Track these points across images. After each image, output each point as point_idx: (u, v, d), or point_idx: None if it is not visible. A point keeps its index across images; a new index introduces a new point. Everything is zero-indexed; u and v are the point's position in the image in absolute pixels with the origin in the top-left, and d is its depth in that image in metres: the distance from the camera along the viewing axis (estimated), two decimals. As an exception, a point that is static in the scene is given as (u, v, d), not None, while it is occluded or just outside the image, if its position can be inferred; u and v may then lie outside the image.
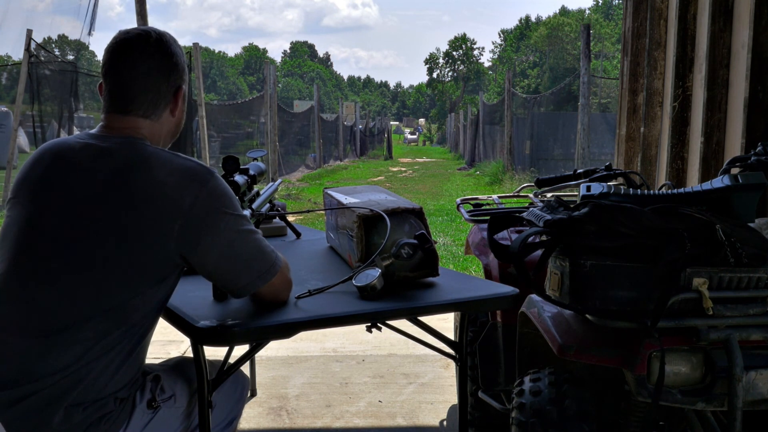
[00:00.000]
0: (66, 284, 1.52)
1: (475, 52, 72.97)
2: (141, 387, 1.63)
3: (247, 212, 2.17)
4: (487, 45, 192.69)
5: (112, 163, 1.56)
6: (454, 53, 72.32)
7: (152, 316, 1.61)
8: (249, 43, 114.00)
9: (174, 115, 1.71)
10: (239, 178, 2.22)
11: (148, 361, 1.74)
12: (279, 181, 2.90)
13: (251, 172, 2.33)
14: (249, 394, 3.37)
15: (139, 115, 1.64)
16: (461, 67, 71.60)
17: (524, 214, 1.85)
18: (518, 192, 3.28)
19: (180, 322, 1.68)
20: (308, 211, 3.21)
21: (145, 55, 1.63)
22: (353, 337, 4.18)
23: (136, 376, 1.62)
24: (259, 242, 1.65)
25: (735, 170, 2.03)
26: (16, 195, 1.63)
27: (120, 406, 1.56)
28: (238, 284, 1.65)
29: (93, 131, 1.66)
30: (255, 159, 2.46)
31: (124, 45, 1.64)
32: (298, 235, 2.70)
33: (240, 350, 1.96)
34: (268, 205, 2.56)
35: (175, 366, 1.80)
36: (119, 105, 1.64)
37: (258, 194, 2.47)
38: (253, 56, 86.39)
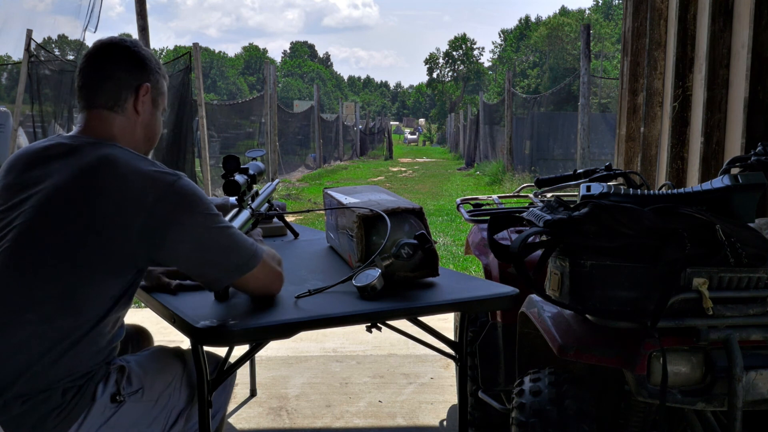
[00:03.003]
0: (23, 270, 1.54)
1: (475, 52, 73.03)
2: (104, 379, 1.60)
3: (247, 212, 2.17)
4: (487, 45, 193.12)
5: (80, 160, 1.61)
6: (454, 53, 72.34)
7: (104, 310, 1.58)
8: (249, 43, 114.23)
9: (138, 111, 1.75)
10: (239, 178, 2.22)
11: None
12: (277, 181, 2.91)
13: (251, 172, 2.33)
14: (249, 394, 3.38)
15: (103, 106, 1.71)
16: (461, 67, 71.61)
17: (524, 214, 1.85)
18: (518, 192, 3.28)
19: (180, 322, 1.68)
20: (308, 211, 3.22)
21: (109, 50, 1.74)
22: (353, 337, 4.18)
23: (88, 368, 1.57)
24: (234, 236, 1.65)
25: (735, 170, 2.03)
26: None
27: (72, 401, 1.53)
28: (211, 277, 1.66)
29: (68, 133, 1.73)
30: (254, 159, 2.47)
31: (94, 49, 1.75)
32: (296, 234, 2.71)
33: (240, 350, 1.96)
34: (267, 204, 2.56)
35: (150, 357, 1.77)
36: (86, 100, 1.72)
37: (257, 194, 2.47)
38: (253, 56, 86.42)
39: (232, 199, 2.23)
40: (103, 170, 1.58)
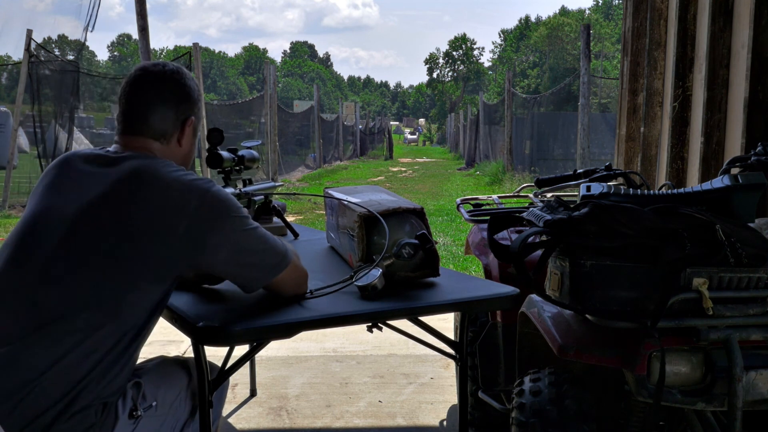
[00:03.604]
0: (64, 276, 1.54)
1: (475, 52, 73.01)
2: (123, 395, 1.59)
3: (230, 190, 2.21)
4: (487, 45, 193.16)
5: (122, 169, 1.62)
6: (454, 53, 72.33)
7: (145, 319, 1.59)
8: (249, 43, 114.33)
9: (181, 144, 1.77)
10: (225, 154, 2.24)
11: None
12: (279, 183, 2.92)
13: (240, 154, 2.36)
14: (249, 394, 3.38)
15: (149, 136, 1.71)
16: (461, 67, 71.60)
17: (524, 214, 1.85)
18: (518, 192, 3.28)
19: (180, 322, 1.68)
20: (303, 194, 3.22)
21: (157, 81, 1.72)
22: (353, 337, 4.19)
23: (121, 383, 1.58)
24: (266, 237, 1.68)
25: (735, 170, 2.03)
26: (30, 198, 1.70)
27: (102, 416, 1.53)
28: (249, 278, 1.68)
29: (109, 148, 1.73)
30: (249, 148, 2.49)
31: (140, 72, 1.74)
32: (295, 235, 2.70)
33: (240, 350, 1.96)
34: (261, 198, 2.57)
35: (157, 369, 1.75)
36: (130, 126, 1.72)
37: (251, 182, 2.49)
38: (253, 56, 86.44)
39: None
40: (144, 179, 1.60)
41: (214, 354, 1.87)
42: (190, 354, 1.73)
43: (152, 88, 1.71)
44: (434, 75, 73.37)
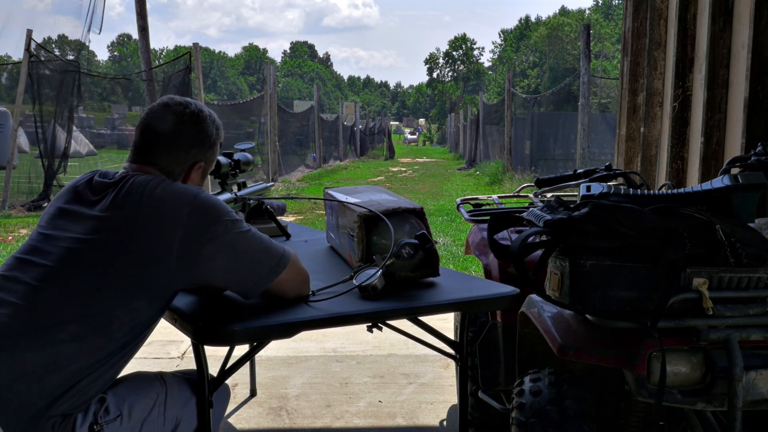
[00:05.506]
0: (62, 287, 1.54)
1: (475, 52, 73.08)
2: (85, 409, 1.56)
3: (227, 195, 2.22)
4: (487, 45, 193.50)
5: (121, 189, 1.64)
6: (454, 53, 72.36)
7: (132, 336, 1.59)
8: (249, 43, 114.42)
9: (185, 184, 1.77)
10: (222, 159, 2.26)
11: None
12: (272, 183, 2.93)
13: (236, 157, 2.37)
14: (249, 394, 3.38)
15: (155, 167, 1.73)
16: (461, 67, 71.64)
17: (524, 214, 1.85)
18: (518, 192, 3.28)
19: (180, 322, 1.68)
20: (302, 197, 3.22)
21: (175, 120, 1.73)
22: (353, 337, 4.18)
23: (91, 395, 1.56)
24: (261, 238, 1.68)
25: (735, 170, 2.03)
26: (40, 220, 1.72)
27: (59, 428, 1.51)
28: (249, 282, 1.67)
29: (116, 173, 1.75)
30: (243, 150, 2.50)
31: (161, 107, 1.75)
32: (287, 236, 2.68)
33: (240, 350, 1.96)
34: (255, 201, 2.58)
35: (126, 382, 1.71)
36: (139, 158, 1.73)
37: (245, 185, 2.50)
38: (253, 56, 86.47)
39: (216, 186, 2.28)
40: (139, 193, 1.61)
41: (214, 354, 1.87)
42: (190, 354, 1.73)
43: (168, 126, 1.72)
44: (434, 75, 73.44)
